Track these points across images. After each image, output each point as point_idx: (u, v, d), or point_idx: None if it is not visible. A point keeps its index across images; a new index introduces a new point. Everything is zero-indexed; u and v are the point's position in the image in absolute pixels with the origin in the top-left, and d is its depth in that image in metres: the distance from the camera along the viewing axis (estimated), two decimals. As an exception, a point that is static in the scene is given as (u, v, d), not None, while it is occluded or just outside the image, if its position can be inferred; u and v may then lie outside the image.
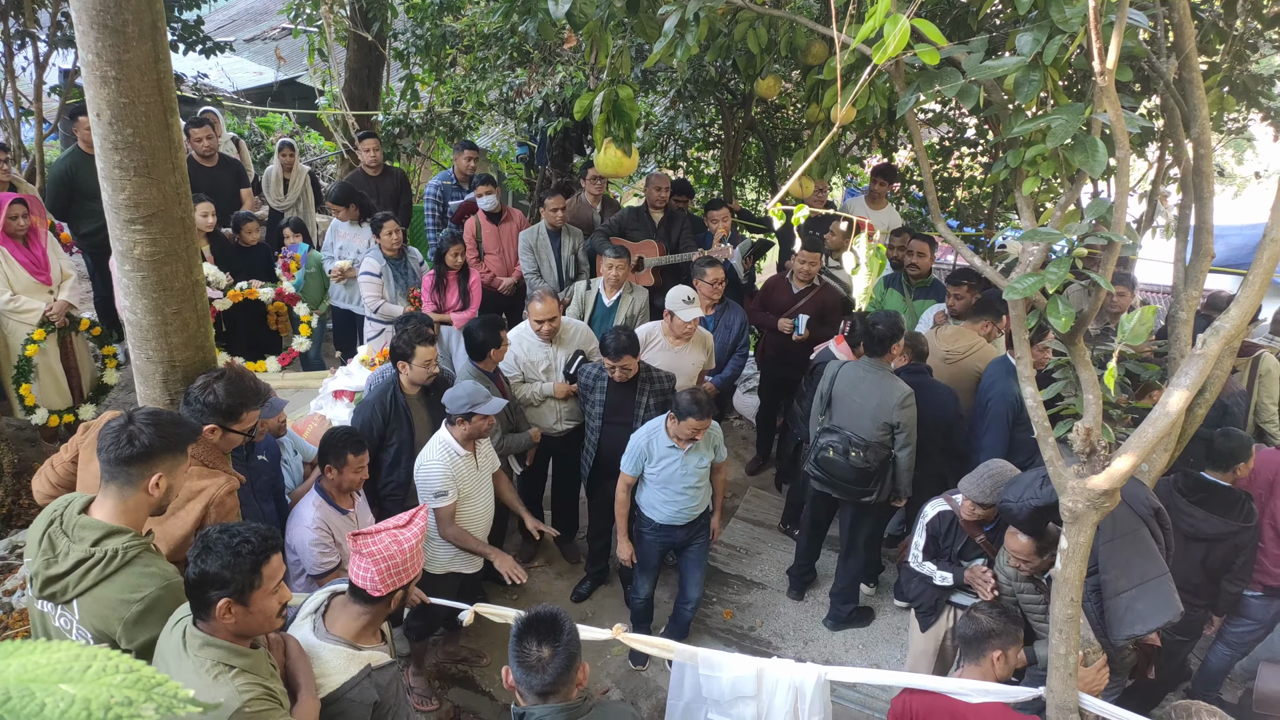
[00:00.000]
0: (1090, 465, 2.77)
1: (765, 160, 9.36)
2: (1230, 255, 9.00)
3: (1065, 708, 2.93)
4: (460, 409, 4.02)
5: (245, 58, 14.82)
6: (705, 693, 3.42)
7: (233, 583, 2.23)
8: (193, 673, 2.20)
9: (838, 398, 4.95)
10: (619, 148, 4.16)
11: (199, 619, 2.27)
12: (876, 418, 4.74)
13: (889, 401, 4.70)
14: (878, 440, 4.75)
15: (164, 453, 2.47)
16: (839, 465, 4.80)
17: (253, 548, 2.28)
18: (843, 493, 4.90)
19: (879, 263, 2.63)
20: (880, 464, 4.77)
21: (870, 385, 4.80)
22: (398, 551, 2.64)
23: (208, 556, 2.24)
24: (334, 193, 6.77)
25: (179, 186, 2.95)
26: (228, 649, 2.24)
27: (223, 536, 2.27)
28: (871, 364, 4.84)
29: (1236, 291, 2.71)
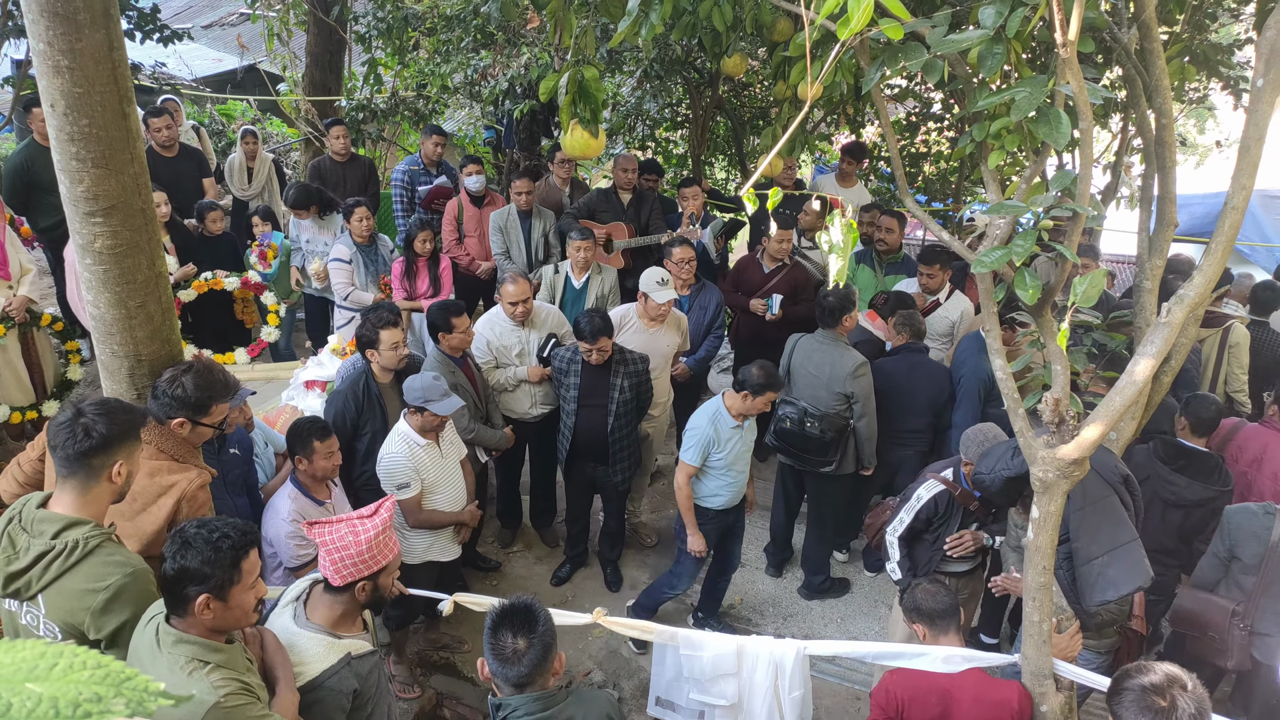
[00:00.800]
0: (1059, 435, 2.80)
1: (734, 139, 9.35)
2: (1193, 224, 9.11)
3: (1040, 674, 2.98)
4: (414, 400, 4.01)
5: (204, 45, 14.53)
6: (687, 672, 3.45)
7: (212, 578, 2.21)
8: (167, 670, 2.18)
9: (795, 370, 5.04)
10: (586, 129, 4.13)
11: (174, 615, 2.25)
12: (831, 388, 4.84)
13: (841, 371, 4.79)
14: (834, 411, 4.83)
15: (121, 440, 2.45)
16: (795, 436, 4.91)
17: (232, 543, 2.26)
18: (803, 463, 5.00)
19: (852, 239, 2.63)
20: (836, 434, 4.84)
21: (824, 356, 4.90)
22: (353, 543, 2.61)
23: (186, 552, 2.21)
24: (291, 197, 6.60)
25: (138, 177, 2.90)
26: (202, 645, 2.22)
27: (201, 531, 2.25)
28: (825, 335, 4.96)
29: (1199, 259, 2.75)
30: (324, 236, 6.57)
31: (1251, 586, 3.93)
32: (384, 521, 2.70)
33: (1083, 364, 3.11)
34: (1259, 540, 3.91)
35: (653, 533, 5.86)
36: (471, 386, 4.82)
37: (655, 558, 5.71)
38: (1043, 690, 2.98)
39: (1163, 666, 2.14)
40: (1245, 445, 4.58)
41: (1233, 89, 5.53)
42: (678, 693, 3.55)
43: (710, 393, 7.61)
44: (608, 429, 4.81)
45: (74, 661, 0.60)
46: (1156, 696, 2.08)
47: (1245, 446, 4.58)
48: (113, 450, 2.43)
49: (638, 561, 5.67)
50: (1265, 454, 4.51)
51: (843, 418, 4.87)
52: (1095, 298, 2.50)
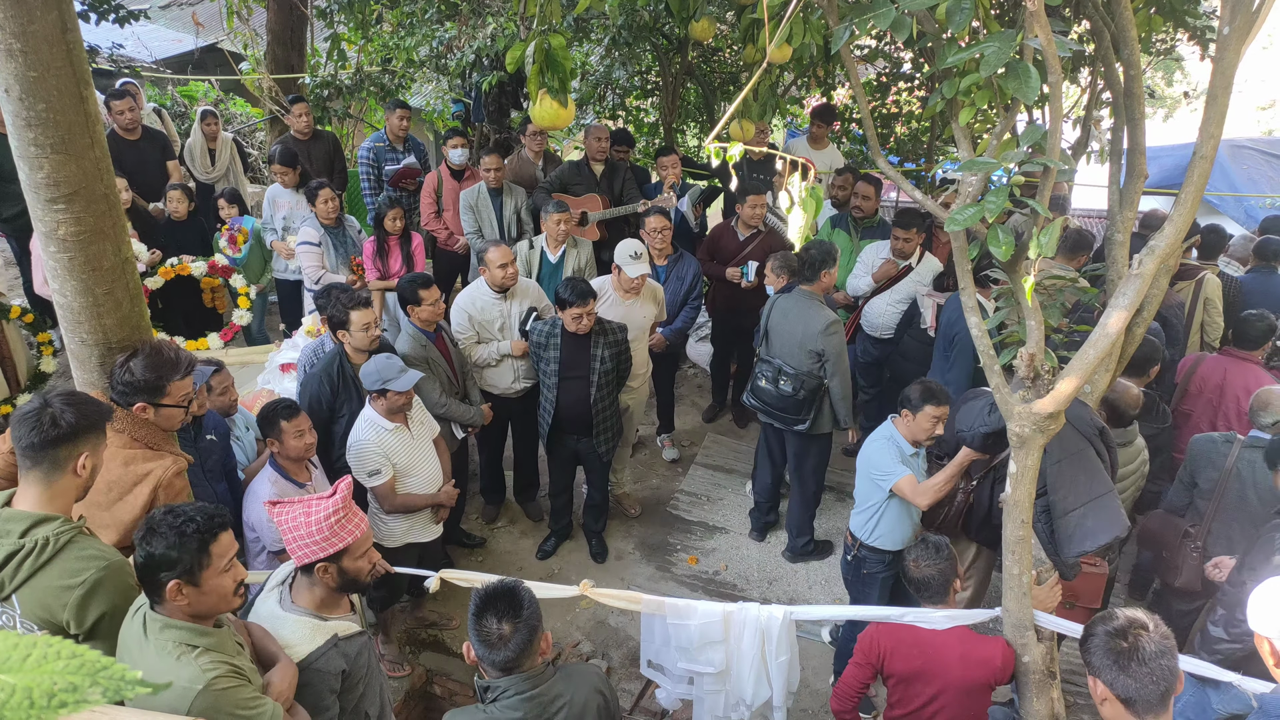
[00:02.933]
0: (1035, 390, 2.83)
1: (705, 105, 9.28)
2: (1163, 176, 9.17)
3: (1021, 625, 3.03)
4: (372, 385, 3.97)
5: (162, 25, 14.21)
6: (674, 641, 3.47)
7: (179, 563, 2.20)
8: (155, 656, 2.18)
9: (773, 328, 5.04)
10: (555, 99, 4.07)
11: (154, 603, 2.24)
12: (804, 345, 4.85)
13: (813, 329, 4.79)
14: (806, 369, 4.84)
15: (87, 431, 2.42)
16: (770, 394, 4.94)
17: (198, 526, 2.25)
18: (779, 420, 5.03)
19: (815, 203, 2.61)
20: (810, 393, 4.86)
21: (799, 313, 4.89)
22: (305, 523, 2.58)
23: (152, 538, 2.21)
24: (277, 154, 6.50)
25: (99, 161, 2.84)
26: (189, 629, 2.21)
27: (167, 518, 2.24)
28: (802, 293, 4.93)
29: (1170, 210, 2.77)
30: (301, 211, 6.47)
31: (1207, 510, 4.13)
32: (336, 503, 2.64)
33: (1056, 319, 3.13)
34: (1215, 467, 4.12)
35: (636, 503, 5.89)
36: (445, 361, 4.78)
37: (640, 528, 5.74)
38: (1024, 641, 3.03)
39: (1125, 612, 2.23)
40: (1207, 376, 4.84)
41: (1199, 39, 5.54)
42: (666, 659, 3.58)
43: (689, 361, 7.64)
44: (590, 400, 4.81)
45: (48, 652, 0.59)
46: (1119, 639, 2.16)
47: (1208, 377, 4.84)
48: (79, 441, 2.40)
49: (622, 532, 5.69)
50: (1225, 380, 4.79)
51: (815, 376, 4.87)
52: (1055, 246, 2.52)
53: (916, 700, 3.13)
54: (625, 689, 4.48)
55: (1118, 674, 2.14)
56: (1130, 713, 2.14)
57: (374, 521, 4.13)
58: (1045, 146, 2.58)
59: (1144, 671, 2.11)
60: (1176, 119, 17.04)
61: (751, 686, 3.40)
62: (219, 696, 2.13)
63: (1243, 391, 4.71)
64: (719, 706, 3.53)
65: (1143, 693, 2.10)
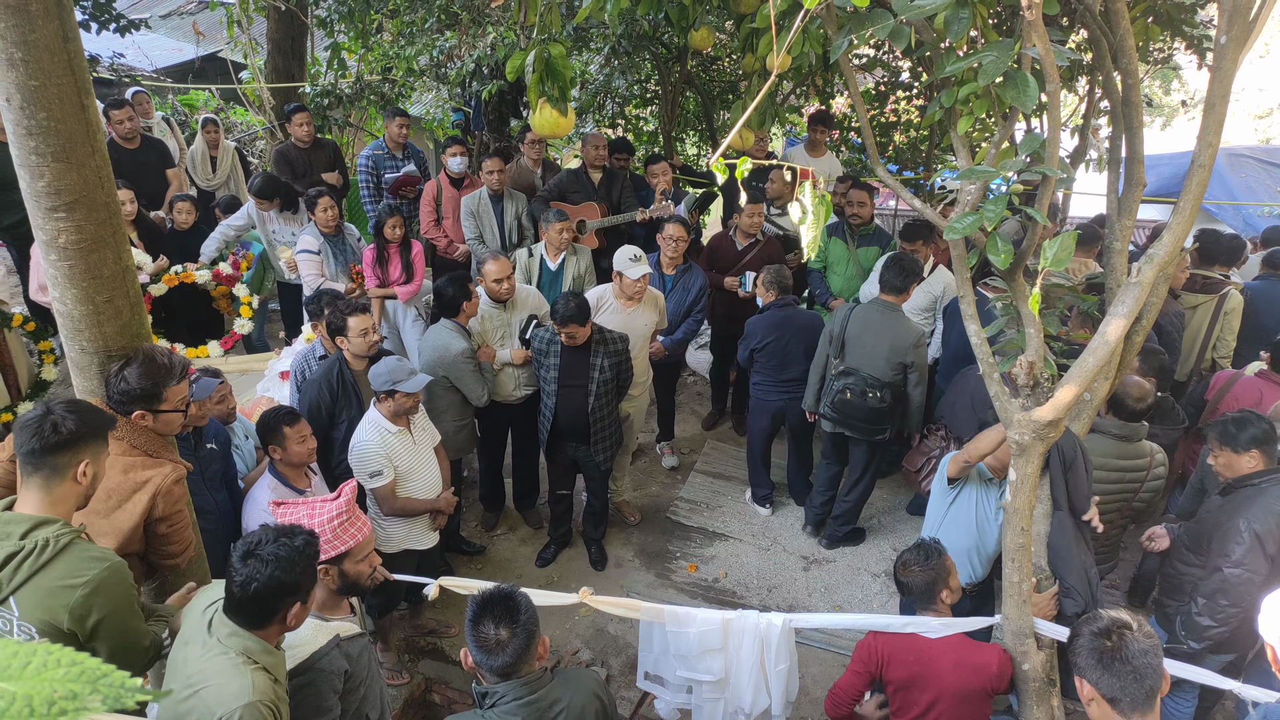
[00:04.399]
0: (1034, 397, 2.83)
1: (704, 114, 9.30)
2: (1161, 185, 9.20)
3: (1021, 633, 3.02)
4: (382, 385, 3.98)
5: (163, 34, 14.25)
6: (673, 649, 3.47)
7: (307, 586, 2.30)
8: (217, 656, 2.23)
9: (852, 339, 5.05)
10: (554, 107, 4.09)
11: (257, 627, 2.27)
12: (891, 358, 4.91)
13: (904, 342, 4.89)
14: (891, 380, 4.93)
15: (89, 439, 2.42)
16: (856, 406, 4.96)
17: (312, 542, 2.36)
18: (858, 432, 5.08)
19: (825, 210, 2.62)
20: (895, 403, 4.98)
21: (886, 326, 4.96)
22: (308, 524, 2.61)
23: (277, 568, 2.24)
24: (256, 186, 6.44)
25: (100, 170, 2.85)
26: (257, 643, 2.25)
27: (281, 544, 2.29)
28: (886, 304, 5.00)
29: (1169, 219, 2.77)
30: (290, 227, 6.49)
31: None
32: (340, 506, 2.68)
33: (1056, 327, 3.14)
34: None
35: (636, 511, 5.88)
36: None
37: (639, 535, 5.73)
38: (1024, 649, 3.03)
39: (1110, 613, 2.26)
40: (1241, 397, 4.70)
41: (1196, 48, 5.56)
42: (665, 668, 3.57)
43: (688, 369, 7.64)
44: (588, 409, 4.81)
45: (48, 660, 0.59)
46: (1104, 639, 2.20)
47: (1241, 398, 4.71)
48: (79, 449, 2.40)
49: (622, 540, 5.69)
50: (1261, 403, 4.59)
51: (900, 386, 4.99)
52: (1066, 260, 2.52)
53: (915, 708, 3.12)
54: (624, 697, 4.47)
55: (1102, 674, 2.17)
56: (1116, 712, 2.17)
57: (373, 526, 4.13)
58: (1044, 155, 2.59)
59: (1127, 671, 2.14)
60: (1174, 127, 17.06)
61: (750, 695, 3.40)
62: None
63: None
64: (717, 715, 3.52)
65: (1127, 692, 2.13)
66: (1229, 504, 3.66)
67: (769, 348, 5.34)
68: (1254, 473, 3.63)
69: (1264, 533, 3.43)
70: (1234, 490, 3.68)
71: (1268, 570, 3.46)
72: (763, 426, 5.65)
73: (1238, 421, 3.71)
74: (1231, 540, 3.51)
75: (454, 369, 4.72)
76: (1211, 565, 3.60)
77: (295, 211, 6.48)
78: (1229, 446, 3.70)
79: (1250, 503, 3.54)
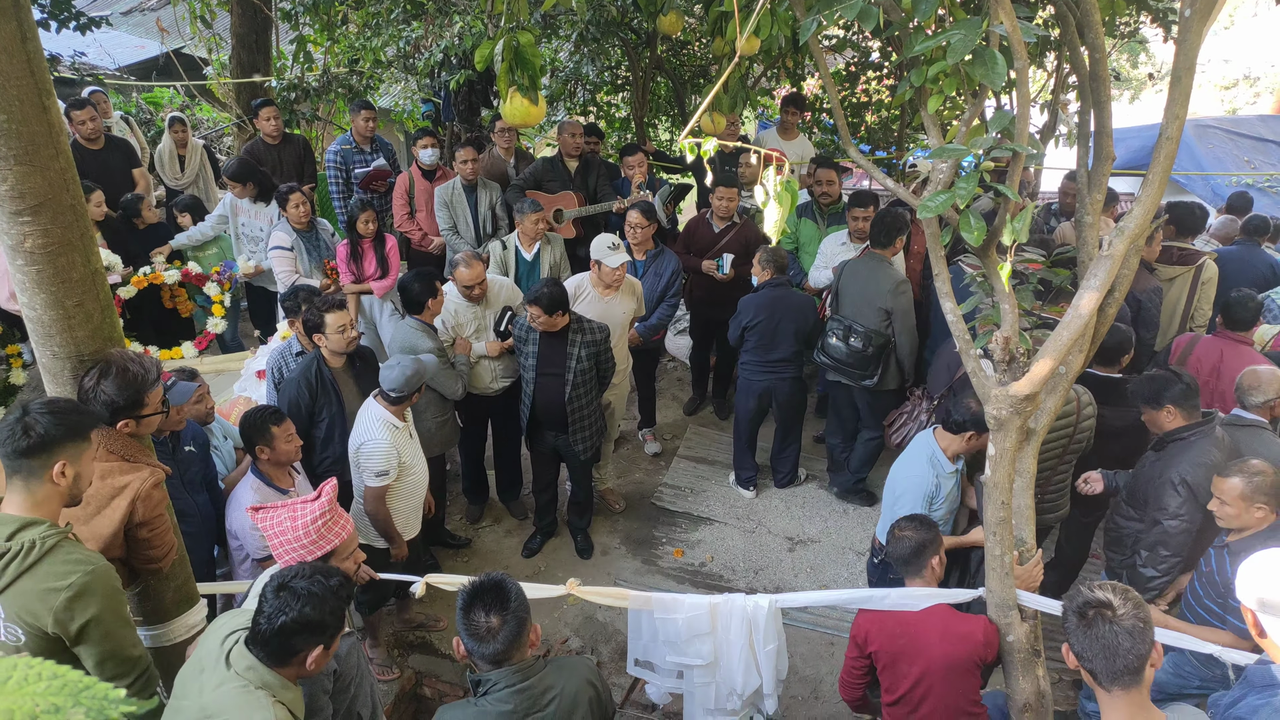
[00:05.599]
0: (1011, 372, 2.86)
1: (676, 99, 9.28)
2: (1131, 158, 9.29)
3: (1004, 605, 3.06)
4: (410, 388, 3.98)
5: (124, 31, 14.00)
6: (662, 636, 3.48)
7: (333, 628, 2.26)
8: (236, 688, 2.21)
9: (843, 289, 5.38)
10: (525, 96, 4.06)
11: (276, 664, 2.25)
12: (873, 304, 5.18)
13: (883, 288, 5.08)
14: (875, 327, 5.12)
15: (64, 440, 2.38)
16: (840, 350, 5.21)
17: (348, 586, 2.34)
18: (849, 378, 5.30)
19: (790, 196, 2.62)
20: (878, 349, 5.14)
21: (869, 274, 5.23)
22: (291, 527, 2.62)
23: (306, 605, 2.22)
24: (232, 169, 6.46)
25: (65, 172, 2.80)
26: (275, 678, 2.24)
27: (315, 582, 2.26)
28: (873, 256, 5.27)
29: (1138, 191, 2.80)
30: (260, 221, 6.42)
31: None
32: (322, 506, 2.67)
33: (1029, 302, 3.16)
34: None
35: (620, 498, 5.89)
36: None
37: (625, 523, 5.74)
38: (1008, 621, 3.06)
39: (1095, 592, 2.28)
40: (1203, 358, 4.83)
41: (1162, 21, 5.60)
42: (655, 654, 3.59)
43: (668, 355, 7.65)
44: (565, 398, 4.80)
45: (29, 674, 0.58)
46: (1081, 615, 2.22)
47: (1203, 359, 4.83)
48: (53, 451, 2.37)
49: (608, 528, 5.70)
50: (1222, 361, 4.77)
51: (883, 334, 5.17)
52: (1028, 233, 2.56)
53: (904, 683, 3.16)
54: (615, 683, 4.49)
55: (1086, 645, 2.20)
56: (1098, 684, 2.20)
57: (357, 522, 4.11)
58: (1014, 132, 2.60)
59: (1099, 648, 2.16)
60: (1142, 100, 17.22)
61: (741, 676, 3.42)
62: None
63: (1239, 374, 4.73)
64: (710, 699, 3.55)
65: (1100, 666, 2.16)
66: (1161, 459, 3.85)
67: (759, 327, 5.38)
68: (1182, 427, 3.82)
69: (1195, 483, 3.63)
70: (1165, 445, 3.87)
71: (1203, 519, 3.64)
72: (749, 408, 5.67)
73: (1153, 380, 3.91)
74: (1166, 493, 3.70)
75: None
76: (1150, 519, 3.79)
77: (269, 203, 6.41)
78: (1149, 405, 3.91)
79: (1180, 456, 3.74)
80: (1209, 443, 3.76)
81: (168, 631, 3.03)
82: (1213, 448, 3.75)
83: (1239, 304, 4.78)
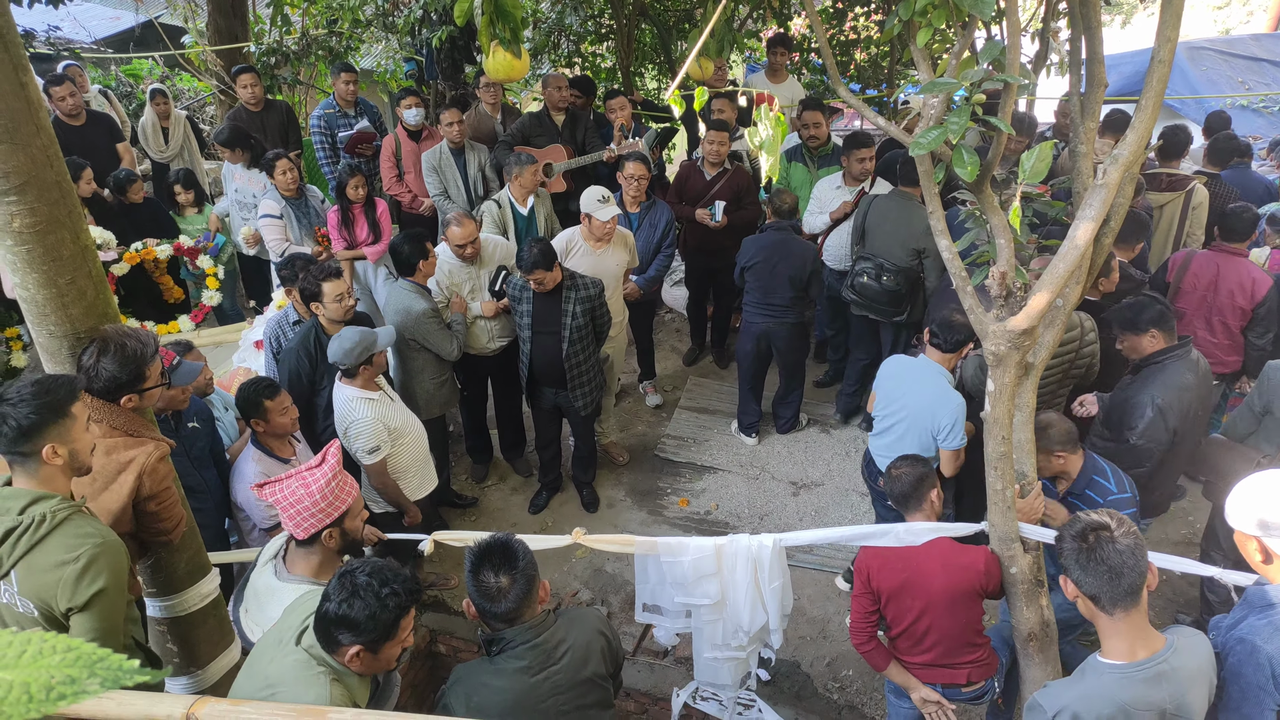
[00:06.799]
0: (1008, 307, 2.85)
1: (661, 46, 9.15)
2: (1124, 83, 9.16)
3: (1007, 538, 3.09)
4: (357, 359, 3.90)
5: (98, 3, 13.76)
6: (669, 578, 3.53)
7: (372, 634, 2.23)
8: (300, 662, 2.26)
9: (871, 228, 5.43)
10: (508, 50, 4.02)
11: (323, 647, 2.27)
12: (905, 244, 5.26)
13: (916, 228, 5.13)
14: (906, 265, 5.27)
15: (43, 425, 2.38)
16: (873, 289, 5.31)
17: (400, 601, 2.26)
18: (879, 314, 5.41)
19: (781, 130, 2.60)
20: (910, 287, 5.26)
21: (899, 214, 5.28)
22: (304, 495, 2.62)
23: (354, 601, 2.21)
24: (222, 134, 6.40)
25: (47, 149, 2.76)
26: (335, 661, 2.27)
27: (373, 582, 2.23)
28: (901, 194, 5.36)
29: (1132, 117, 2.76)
30: (253, 188, 6.36)
31: None
32: (332, 468, 2.69)
33: (1025, 235, 3.15)
34: None
35: (624, 451, 5.93)
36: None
37: (629, 475, 5.78)
38: (1011, 553, 3.10)
39: (1089, 516, 2.33)
40: (1200, 272, 4.88)
41: (1152, -58, 5.49)
42: (663, 597, 3.64)
43: (665, 306, 7.64)
44: (563, 355, 4.80)
45: (43, 647, 0.59)
46: (1081, 541, 2.27)
47: (1200, 273, 4.88)
48: (34, 437, 2.38)
49: (612, 481, 5.74)
50: (1218, 275, 4.82)
51: (915, 272, 5.30)
52: (1044, 172, 2.54)
53: (908, 616, 3.20)
54: (626, 631, 4.56)
55: (1082, 573, 2.25)
56: (1098, 608, 2.24)
57: (367, 493, 4.15)
58: (1004, 62, 2.57)
59: (1104, 570, 2.20)
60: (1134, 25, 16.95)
61: (748, 613, 3.47)
62: None
63: (1236, 287, 4.76)
64: (717, 635, 3.60)
65: (1105, 590, 2.21)
66: (1137, 382, 3.95)
67: (757, 268, 5.41)
68: (1157, 351, 3.89)
69: (1165, 406, 3.74)
70: (1141, 369, 3.95)
71: (1168, 441, 3.78)
72: (748, 350, 5.69)
73: (1134, 306, 3.96)
74: (1136, 414, 3.82)
75: (419, 330, 4.67)
76: (1121, 438, 3.90)
77: (262, 168, 6.36)
78: (1130, 330, 3.96)
79: (1155, 378, 3.83)
80: (1183, 365, 3.85)
81: (181, 601, 3.07)
82: (1186, 371, 3.84)
83: (1235, 215, 4.80)
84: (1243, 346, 4.88)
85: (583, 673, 2.52)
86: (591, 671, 2.54)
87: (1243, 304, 4.76)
